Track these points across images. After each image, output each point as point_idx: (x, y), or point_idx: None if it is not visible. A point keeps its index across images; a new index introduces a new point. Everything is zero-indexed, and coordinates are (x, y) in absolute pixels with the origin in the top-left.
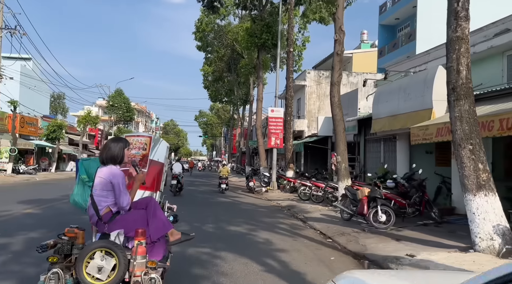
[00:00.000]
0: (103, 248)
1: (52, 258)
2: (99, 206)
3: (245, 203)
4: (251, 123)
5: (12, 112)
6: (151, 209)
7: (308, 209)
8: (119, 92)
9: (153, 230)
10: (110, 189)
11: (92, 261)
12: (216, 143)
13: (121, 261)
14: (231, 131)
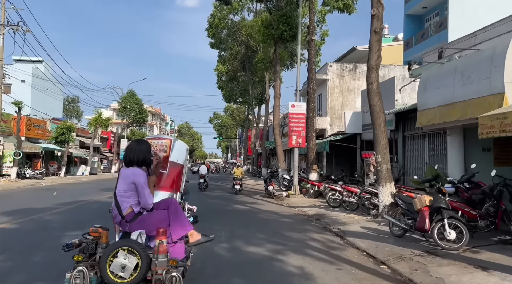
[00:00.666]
0: (126, 247)
1: (78, 257)
2: (122, 206)
3: (265, 211)
4: (267, 123)
5: (17, 114)
6: (172, 209)
7: (342, 219)
8: (131, 93)
9: (174, 230)
10: (133, 189)
11: (115, 260)
12: (231, 145)
13: (143, 259)
14: (246, 133)
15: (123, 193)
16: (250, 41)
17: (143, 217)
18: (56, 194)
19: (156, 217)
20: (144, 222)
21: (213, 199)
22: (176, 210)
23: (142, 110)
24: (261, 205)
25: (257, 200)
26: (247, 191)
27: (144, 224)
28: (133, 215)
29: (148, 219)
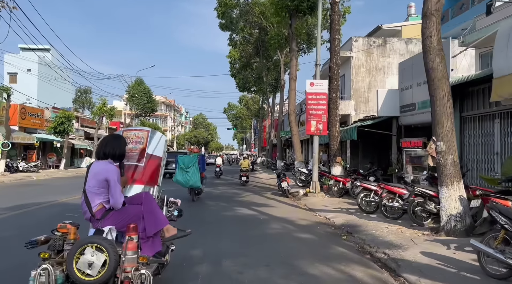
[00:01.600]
0: (93, 243)
1: (44, 254)
2: (92, 202)
3: (275, 219)
4: (282, 111)
5: (6, 101)
6: (146, 204)
7: (387, 235)
8: (139, 82)
9: (149, 225)
10: (104, 186)
11: (83, 257)
12: (247, 137)
13: (111, 256)
14: (261, 123)
15: (94, 190)
16: (263, 22)
17: (115, 212)
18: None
19: (129, 212)
20: (116, 218)
21: (213, 198)
22: (150, 204)
23: (150, 100)
24: (272, 208)
25: (267, 200)
26: (258, 186)
27: (116, 219)
28: (104, 212)
29: (119, 215)
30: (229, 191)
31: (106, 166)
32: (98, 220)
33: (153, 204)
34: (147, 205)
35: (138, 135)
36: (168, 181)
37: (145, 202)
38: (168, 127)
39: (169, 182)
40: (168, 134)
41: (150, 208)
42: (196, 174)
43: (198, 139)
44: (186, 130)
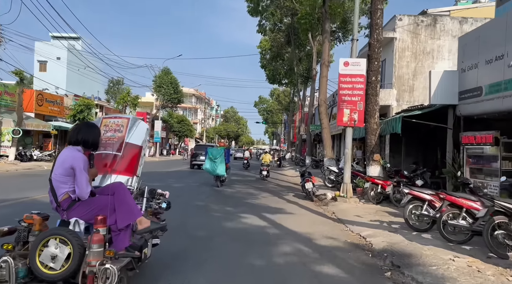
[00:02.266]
0: (57, 235)
1: (7, 245)
2: (57, 192)
3: (291, 235)
4: (313, 103)
5: (18, 86)
6: (118, 195)
7: (459, 278)
8: (166, 71)
9: (120, 217)
10: (70, 174)
11: (46, 249)
12: (278, 131)
13: (75, 249)
14: (291, 117)
15: (59, 178)
16: (295, 6)
17: (82, 203)
18: None
19: (97, 203)
20: (83, 209)
21: (221, 200)
22: (122, 195)
23: (177, 90)
24: (289, 217)
25: (285, 204)
26: (280, 185)
27: (83, 211)
28: (70, 202)
29: (87, 206)
30: (243, 189)
31: (72, 153)
32: (64, 210)
33: (125, 195)
34: (119, 195)
35: (117, 123)
36: (197, 171)
37: (117, 192)
38: (198, 120)
39: (198, 172)
40: (198, 127)
41: (122, 199)
42: (222, 164)
43: (228, 133)
44: (216, 124)
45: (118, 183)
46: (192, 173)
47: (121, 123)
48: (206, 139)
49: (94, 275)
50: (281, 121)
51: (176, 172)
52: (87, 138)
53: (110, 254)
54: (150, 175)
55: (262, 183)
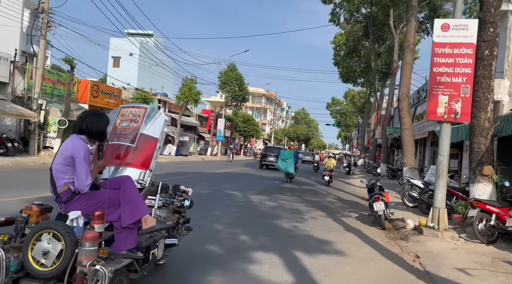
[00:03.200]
0: (50, 229)
1: (3, 237)
2: (57, 183)
3: None
4: (391, 102)
5: (69, 73)
6: (125, 189)
7: None
8: (231, 67)
9: (125, 214)
10: (70, 164)
11: (38, 244)
12: (351, 136)
13: (67, 246)
14: (366, 120)
15: (59, 168)
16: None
17: (82, 196)
18: None
19: (99, 197)
20: (83, 202)
21: (240, 223)
22: (129, 190)
23: (242, 87)
24: (340, 264)
25: (342, 233)
26: (342, 198)
27: (82, 204)
28: (69, 194)
29: (88, 199)
30: (290, 203)
31: (74, 142)
32: (63, 203)
33: (133, 190)
34: (126, 190)
35: (134, 112)
36: (240, 176)
37: (123, 186)
38: (267, 121)
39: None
40: (267, 128)
41: (128, 194)
42: (292, 164)
43: (298, 135)
44: (286, 126)
45: (126, 176)
46: (235, 177)
47: (137, 113)
48: (274, 141)
49: (84, 275)
50: (355, 124)
51: (222, 174)
52: (91, 127)
53: (104, 254)
54: (184, 175)
55: (319, 194)
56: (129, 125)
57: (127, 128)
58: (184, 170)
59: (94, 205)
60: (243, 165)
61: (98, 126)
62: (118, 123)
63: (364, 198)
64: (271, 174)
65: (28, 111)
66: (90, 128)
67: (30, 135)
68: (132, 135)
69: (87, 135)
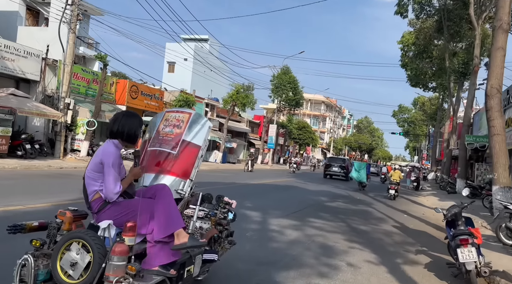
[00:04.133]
0: (79, 239)
1: (35, 242)
2: (88, 190)
3: None
4: (471, 105)
5: (101, 71)
6: (160, 199)
7: None
8: (285, 70)
9: (158, 226)
10: (100, 170)
11: (67, 253)
12: (421, 146)
13: (95, 259)
14: (438, 128)
15: (91, 174)
16: None
17: (114, 205)
18: None
19: (132, 207)
20: (114, 212)
21: (251, 263)
22: (164, 200)
23: (296, 91)
24: None
25: None
26: (404, 225)
27: (114, 214)
28: (101, 203)
29: (119, 208)
30: (326, 233)
31: (104, 147)
32: (94, 212)
33: (168, 200)
34: (161, 200)
35: (178, 117)
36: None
37: (159, 196)
38: (326, 129)
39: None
40: (326, 137)
41: (163, 204)
42: (364, 174)
43: (360, 145)
44: (347, 134)
45: (162, 184)
46: (270, 190)
47: (181, 118)
48: (333, 150)
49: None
50: (424, 134)
51: (257, 186)
52: (122, 129)
53: (132, 270)
54: (212, 185)
55: (373, 218)
56: (171, 130)
57: (169, 134)
58: (217, 179)
59: (126, 215)
60: (292, 174)
61: (129, 127)
62: (161, 128)
63: (438, 226)
64: (324, 186)
65: (52, 110)
66: (122, 130)
67: (56, 136)
68: (174, 141)
69: (120, 139)
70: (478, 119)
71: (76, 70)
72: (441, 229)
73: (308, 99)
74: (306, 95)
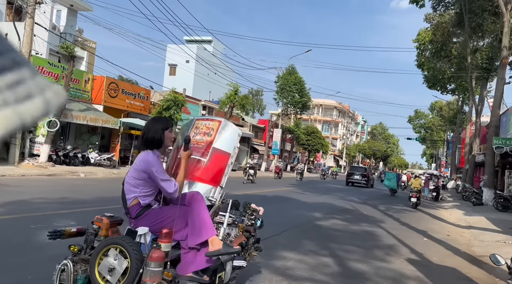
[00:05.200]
0: (117, 244)
1: (73, 248)
2: (127, 196)
3: None
4: (499, 105)
5: (67, 64)
6: (193, 206)
7: None
8: (290, 71)
9: (191, 233)
10: (142, 178)
11: (105, 259)
12: (438, 154)
13: (132, 264)
14: (458, 133)
15: (131, 181)
16: None
17: (151, 212)
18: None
19: (169, 214)
20: (152, 218)
21: None
22: (197, 207)
23: (303, 93)
24: None
25: None
26: (429, 258)
27: (152, 220)
28: (139, 209)
29: (157, 215)
30: (300, 283)
31: (143, 156)
32: (132, 218)
33: (201, 208)
34: (195, 207)
35: (208, 125)
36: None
37: (192, 203)
38: (339, 136)
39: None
40: (338, 143)
41: (197, 211)
42: (395, 182)
43: (374, 152)
44: (361, 141)
45: (196, 192)
46: (258, 203)
47: (211, 126)
48: (346, 158)
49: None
50: (442, 140)
51: (243, 196)
52: (152, 136)
53: (168, 276)
54: None
55: (378, 246)
56: (202, 138)
57: (200, 141)
58: None
59: (162, 222)
60: (296, 183)
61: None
62: (192, 136)
63: (473, 257)
64: (325, 196)
65: None
66: (151, 137)
67: (10, 139)
68: (204, 149)
69: (149, 148)
70: (506, 121)
71: (40, 63)
72: (476, 262)
73: (319, 104)
74: (317, 100)
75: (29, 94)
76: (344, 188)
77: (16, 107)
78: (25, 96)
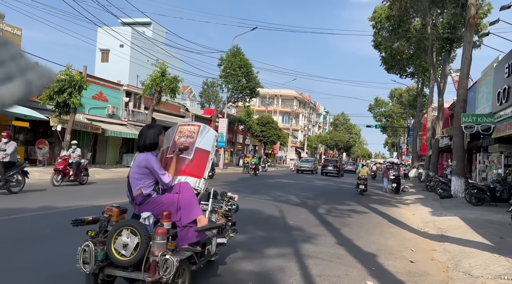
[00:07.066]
0: (129, 226)
1: (91, 233)
2: (132, 187)
3: None
4: (467, 75)
5: None
6: (184, 194)
7: None
8: (234, 52)
9: (184, 215)
10: (144, 173)
11: (119, 238)
12: (399, 142)
13: (142, 240)
14: (419, 118)
15: (135, 175)
16: None
17: (152, 199)
18: None
19: (165, 200)
20: (153, 205)
21: None
22: (187, 194)
23: (250, 77)
24: None
25: None
26: None
27: (152, 206)
28: (142, 198)
29: (156, 202)
30: None
31: (145, 156)
32: (137, 205)
33: (190, 195)
34: (185, 194)
35: (190, 129)
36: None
37: (183, 192)
38: (300, 127)
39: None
40: (299, 135)
41: (187, 198)
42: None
43: (336, 142)
44: (323, 132)
45: (184, 183)
46: None
47: (192, 130)
48: (308, 149)
49: (156, 264)
50: (403, 128)
51: None
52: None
53: (171, 246)
54: None
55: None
56: (186, 140)
57: (184, 143)
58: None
59: (161, 207)
60: (234, 181)
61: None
62: (177, 139)
63: None
64: (255, 198)
65: None
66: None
67: None
68: (189, 149)
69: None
70: (474, 96)
71: None
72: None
73: (279, 95)
74: (276, 90)
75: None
76: (289, 182)
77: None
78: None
